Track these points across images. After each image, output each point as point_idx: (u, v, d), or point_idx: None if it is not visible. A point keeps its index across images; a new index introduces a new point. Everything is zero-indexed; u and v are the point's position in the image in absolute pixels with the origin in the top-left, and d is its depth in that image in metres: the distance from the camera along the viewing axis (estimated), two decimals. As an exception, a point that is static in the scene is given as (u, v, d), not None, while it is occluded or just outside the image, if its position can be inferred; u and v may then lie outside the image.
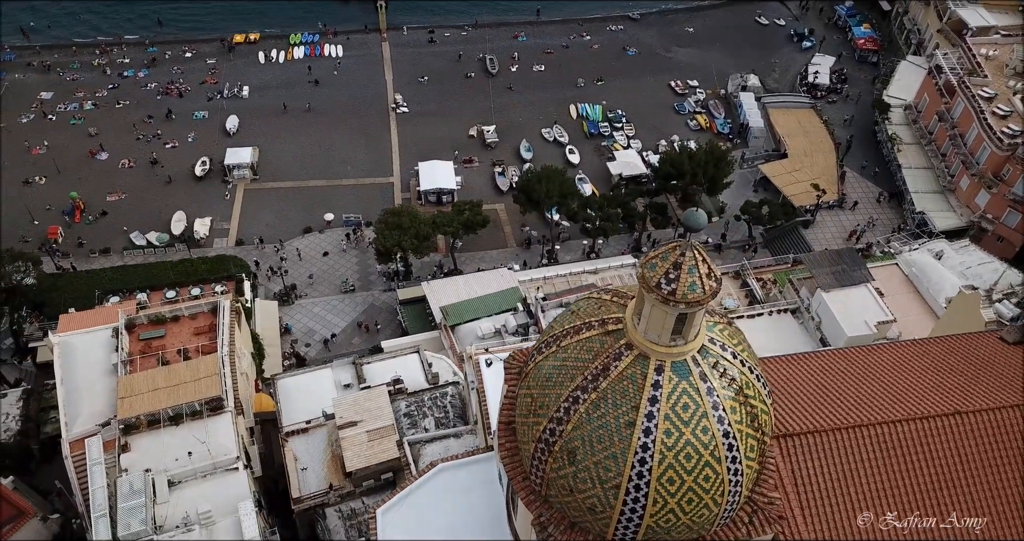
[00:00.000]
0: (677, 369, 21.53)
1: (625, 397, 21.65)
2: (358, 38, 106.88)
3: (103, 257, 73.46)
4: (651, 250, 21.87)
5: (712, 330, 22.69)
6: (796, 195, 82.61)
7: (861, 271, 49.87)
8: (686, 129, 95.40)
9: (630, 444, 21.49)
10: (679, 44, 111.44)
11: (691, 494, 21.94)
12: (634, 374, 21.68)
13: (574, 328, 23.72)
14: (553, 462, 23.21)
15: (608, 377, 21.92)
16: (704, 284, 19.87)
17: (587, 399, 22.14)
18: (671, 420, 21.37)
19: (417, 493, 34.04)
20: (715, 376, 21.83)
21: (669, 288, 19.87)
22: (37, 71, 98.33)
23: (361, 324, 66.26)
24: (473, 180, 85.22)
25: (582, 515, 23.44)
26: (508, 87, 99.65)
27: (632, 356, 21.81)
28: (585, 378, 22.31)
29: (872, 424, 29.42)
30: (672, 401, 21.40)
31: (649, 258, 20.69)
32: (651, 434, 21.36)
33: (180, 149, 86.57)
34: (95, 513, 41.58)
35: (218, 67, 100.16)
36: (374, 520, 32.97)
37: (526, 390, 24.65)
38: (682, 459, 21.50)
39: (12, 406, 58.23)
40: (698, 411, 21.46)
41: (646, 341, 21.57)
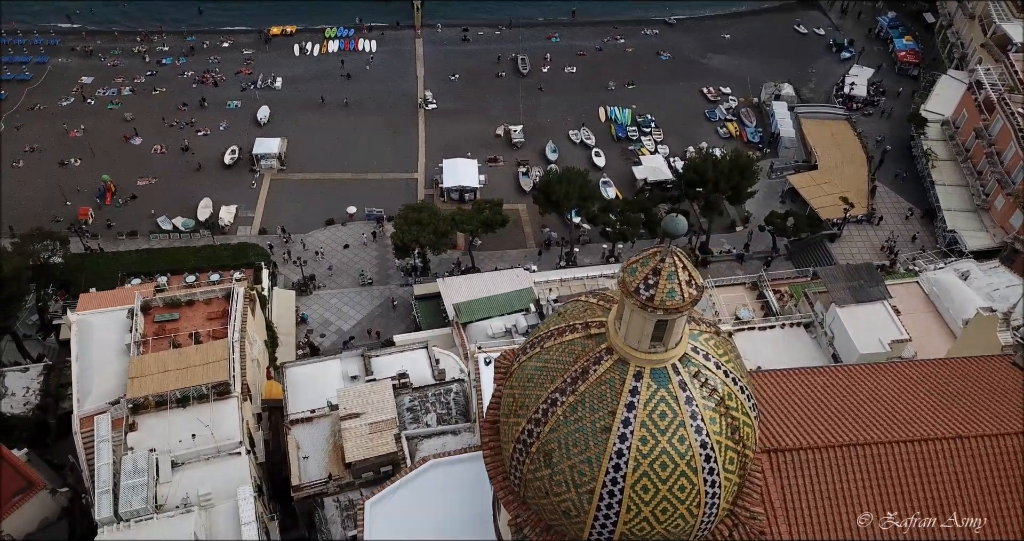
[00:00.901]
0: (656, 376, 21.31)
1: (603, 402, 21.50)
2: (392, 34, 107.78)
3: (130, 240, 75.05)
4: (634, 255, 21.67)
5: (696, 339, 22.42)
6: (824, 208, 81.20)
7: (878, 288, 48.83)
8: (715, 136, 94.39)
9: (605, 449, 21.34)
10: (714, 50, 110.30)
11: (666, 503, 21.70)
12: (612, 379, 21.52)
13: (558, 330, 23.64)
14: (530, 463, 23.15)
15: (587, 381, 21.79)
16: (683, 291, 19.63)
17: (565, 402, 22.04)
18: (647, 427, 21.17)
19: (407, 487, 34.27)
20: (695, 386, 21.56)
21: (648, 294, 19.68)
22: (79, 56, 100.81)
23: (371, 331, 66.67)
24: (497, 179, 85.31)
25: (558, 518, 23.33)
26: (538, 87, 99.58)
27: (612, 361, 21.65)
28: (564, 380, 22.21)
29: (867, 443, 28.84)
30: (649, 408, 21.19)
31: (630, 262, 20.53)
32: (627, 440, 21.19)
33: (211, 137, 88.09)
34: (99, 489, 42.31)
35: (254, 58, 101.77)
36: (362, 511, 33.25)
37: (509, 390, 24.63)
38: (657, 467, 21.28)
39: (33, 380, 59.56)
40: (675, 420, 21.22)
41: (626, 346, 21.38)
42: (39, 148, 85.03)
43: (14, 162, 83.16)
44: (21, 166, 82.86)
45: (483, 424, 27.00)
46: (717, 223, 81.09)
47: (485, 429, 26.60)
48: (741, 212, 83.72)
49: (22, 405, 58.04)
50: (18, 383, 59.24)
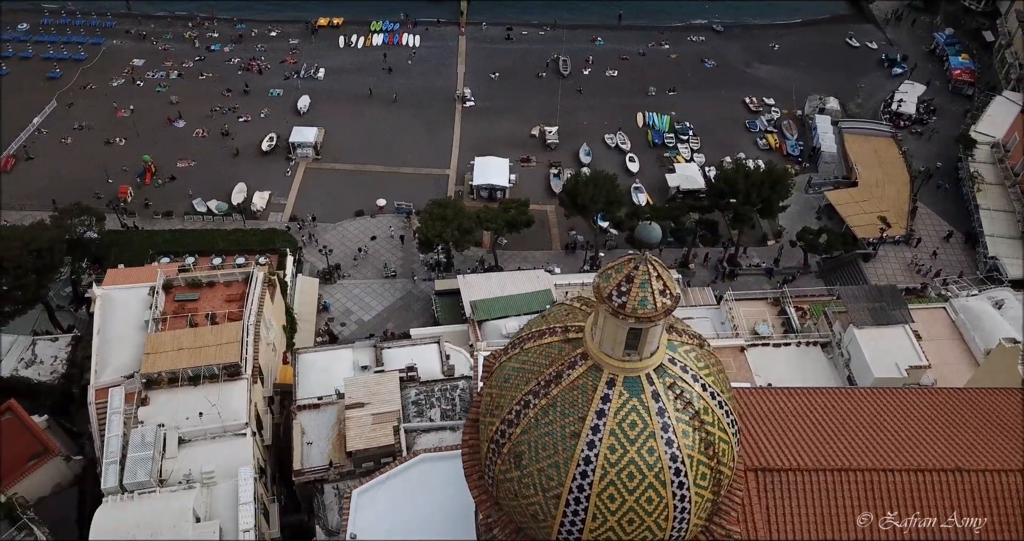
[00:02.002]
0: (629, 385, 21.08)
1: (574, 407, 21.37)
2: (437, 30, 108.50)
3: (165, 219, 76.97)
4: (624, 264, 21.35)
5: (675, 350, 22.10)
6: (860, 226, 79.28)
7: (900, 311, 47.44)
8: (754, 148, 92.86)
9: (573, 455, 21.21)
10: (761, 60, 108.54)
11: (632, 514, 21.47)
12: (585, 385, 21.37)
13: (539, 332, 23.55)
14: (501, 464, 23.12)
15: (560, 385, 21.68)
16: (656, 300, 19.37)
17: (537, 404, 21.96)
18: (616, 436, 20.96)
19: (396, 479, 34.51)
20: (669, 397, 21.27)
21: (619, 301, 19.47)
22: (133, 39, 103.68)
23: (387, 331, 67.12)
24: (528, 179, 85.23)
25: (526, 521, 23.26)
26: (578, 90, 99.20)
27: (585, 366, 21.51)
28: (539, 383, 22.13)
29: (859, 470, 28.04)
30: (619, 417, 20.99)
31: (606, 268, 20.35)
32: (595, 447, 21.01)
33: (252, 123, 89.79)
34: (107, 459, 43.52)
35: (299, 48, 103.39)
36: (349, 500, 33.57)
37: (489, 389, 24.65)
38: (624, 477, 21.06)
39: (61, 350, 61.42)
40: (646, 430, 20.97)
41: (600, 353, 21.21)
42: (87, 126, 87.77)
43: (63, 138, 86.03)
44: (69, 143, 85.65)
45: (466, 422, 27.06)
46: (748, 236, 79.81)
47: (467, 427, 26.69)
48: (774, 226, 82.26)
49: (49, 373, 59.88)
50: (47, 352, 61.23)
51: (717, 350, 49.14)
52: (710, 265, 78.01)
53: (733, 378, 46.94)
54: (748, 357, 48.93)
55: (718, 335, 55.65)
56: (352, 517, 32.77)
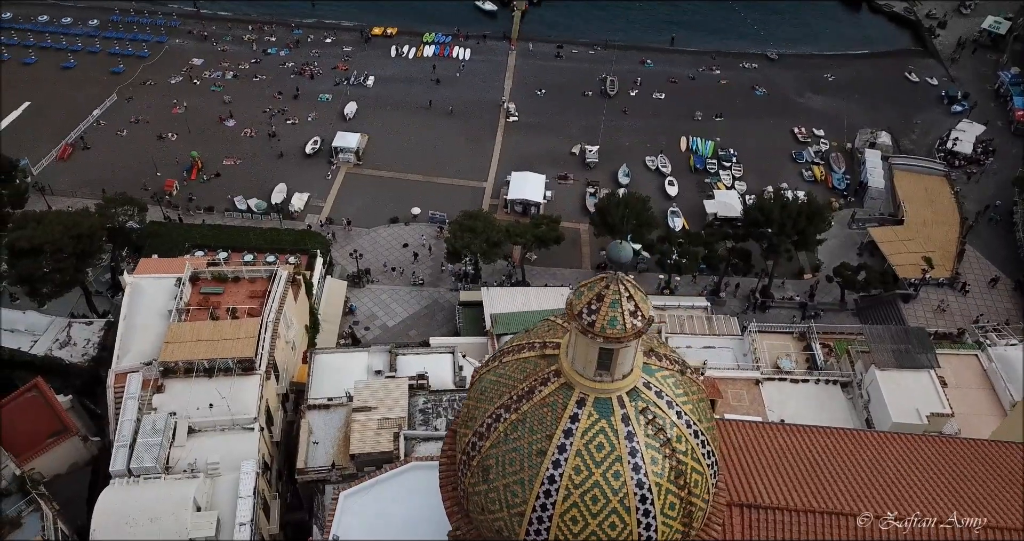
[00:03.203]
0: (599, 406, 20.77)
1: (542, 424, 21.15)
2: (488, 44, 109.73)
3: (206, 214, 79.20)
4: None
5: (652, 374, 21.70)
6: (903, 266, 77.05)
7: (926, 355, 45.67)
8: (799, 179, 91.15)
9: (538, 473, 20.96)
10: (814, 90, 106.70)
11: (595, 538, 21.03)
12: (555, 402, 21.14)
13: (519, 346, 23.42)
14: (471, 477, 22.96)
15: (531, 401, 21.49)
16: (625, 321, 19.08)
17: (508, 419, 21.80)
18: (583, 457, 20.66)
19: (385, 485, 34.58)
20: (639, 422, 20.86)
21: (589, 319, 19.25)
22: (195, 39, 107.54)
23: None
24: (564, 197, 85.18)
25: (492, 536, 22.99)
26: (623, 110, 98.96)
27: (557, 384, 21.28)
28: (511, 397, 21.98)
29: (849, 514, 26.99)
30: (587, 438, 20.68)
31: (579, 286, 20.15)
32: (560, 467, 20.73)
33: (298, 126, 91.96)
34: (118, 443, 44.65)
35: (352, 55, 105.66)
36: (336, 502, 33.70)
37: (467, 400, 24.54)
38: (588, 500, 20.70)
39: (94, 334, 63.27)
40: (612, 454, 20.60)
41: (572, 371, 20.96)
42: (143, 120, 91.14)
43: (119, 130, 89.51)
44: (124, 135, 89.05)
45: (447, 432, 26.98)
46: (784, 268, 78.26)
47: (447, 437, 26.61)
48: (811, 259, 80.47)
49: (80, 355, 61.64)
50: (81, 334, 63.22)
51: (731, 382, 48.69)
52: (742, 295, 76.61)
53: (745, 411, 46.04)
54: (763, 391, 47.72)
55: (739, 366, 54.46)
56: (337, 518, 32.94)
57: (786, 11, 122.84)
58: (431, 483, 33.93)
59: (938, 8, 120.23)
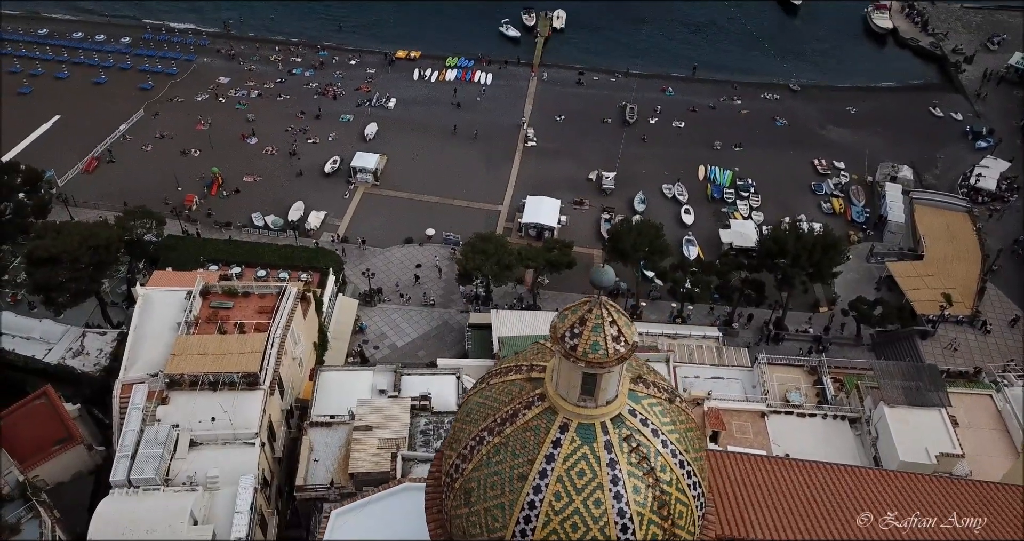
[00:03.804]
0: (582, 432, 20.53)
1: (524, 448, 20.94)
2: (510, 69, 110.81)
3: (224, 230, 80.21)
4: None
5: (638, 402, 21.43)
6: (921, 302, 75.82)
7: (937, 393, 44.68)
8: (817, 211, 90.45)
9: (519, 498, 20.71)
10: (835, 123, 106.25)
11: (575, 567, 20.61)
12: (538, 426, 20.94)
13: (506, 368, 23.29)
14: (453, 499, 22.75)
15: (514, 424, 21.31)
16: (608, 346, 18.91)
17: (491, 442, 21.61)
18: (564, 483, 20.38)
19: (376, 505, 34.38)
20: (623, 449, 20.57)
21: (571, 343, 19.12)
22: (223, 58, 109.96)
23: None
24: (579, 222, 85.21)
25: (473, 561, 22.64)
26: (641, 138, 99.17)
27: (541, 408, 21.09)
28: (495, 420, 21.81)
29: (844, 553, 26.35)
30: (568, 464, 20.42)
31: (563, 309, 20.04)
32: (540, 492, 20.47)
33: (319, 146, 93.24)
34: (120, 453, 44.84)
35: (375, 77, 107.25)
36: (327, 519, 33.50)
37: (454, 422, 24.38)
38: (568, 527, 20.39)
39: (107, 344, 64.06)
40: (594, 481, 20.30)
41: (556, 395, 20.78)
42: (168, 135, 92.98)
43: (144, 145, 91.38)
44: (149, 150, 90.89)
45: (435, 454, 26.79)
46: (799, 301, 77.42)
47: (435, 459, 26.41)
48: (828, 293, 79.56)
49: (92, 365, 62.45)
50: (94, 344, 64.01)
51: (736, 413, 47.92)
52: (755, 326, 75.77)
53: (749, 444, 45.24)
54: (769, 424, 46.90)
55: (747, 398, 53.68)
56: (327, 537, 32.67)
57: (810, 43, 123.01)
58: (422, 505, 33.87)
59: (965, 43, 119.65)
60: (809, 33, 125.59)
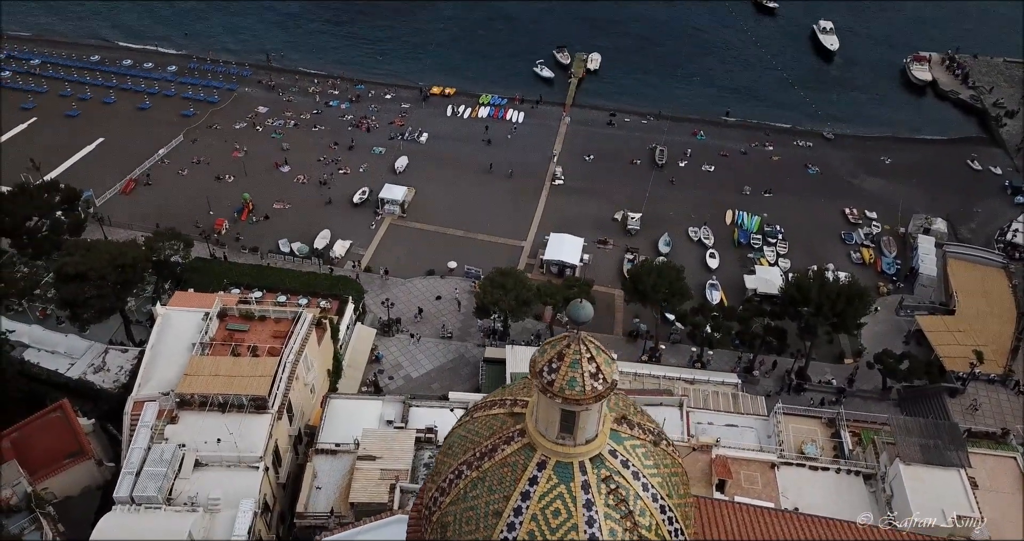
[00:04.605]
0: (560, 470, 20.18)
1: (501, 484, 20.63)
2: (542, 108, 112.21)
3: (251, 255, 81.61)
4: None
5: (620, 443, 21.03)
6: (951, 358, 73.58)
7: (957, 453, 43.01)
8: (846, 260, 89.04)
9: (492, 535, 20.39)
10: (869, 172, 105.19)
11: (546, 610, 20.06)
12: (516, 462, 20.66)
13: (491, 402, 23.10)
14: (430, 532, 22.43)
15: (493, 459, 21.05)
16: (585, 383, 18.66)
17: (469, 476, 21.35)
18: (537, 522, 19.99)
19: (367, 535, 33.95)
20: (600, 490, 20.14)
21: (549, 378, 18.93)
22: (263, 89, 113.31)
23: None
24: (602, 261, 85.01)
25: (448, 597, 22.18)
26: (670, 180, 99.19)
27: (520, 444, 20.82)
28: (474, 454, 21.57)
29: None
30: (544, 502, 20.04)
31: (544, 343, 19.86)
32: (514, 530, 20.11)
33: (350, 176, 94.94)
34: (125, 469, 45.29)
35: (409, 112, 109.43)
36: (316, 548, 33.16)
37: (437, 454, 24.14)
38: (540, 568, 19.83)
39: (127, 362, 65.09)
40: (568, 521, 19.88)
41: (536, 431, 20.50)
42: (204, 161, 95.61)
43: (180, 169, 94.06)
44: (185, 174, 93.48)
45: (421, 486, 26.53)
46: (825, 351, 75.95)
47: (420, 491, 26.12)
48: (854, 344, 77.84)
49: (112, 381, 63.44)
50: (115, 361, 65.10)
51: (746, 463, 46.65)
52: (777, 375, 74.22)
53: (758, 495, 43.93)
54: (779, 475, 45.54)
55: (761, 448, 52.31)
56: (315, 566, 32.28)
57: (846, 92, 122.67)
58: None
59: (1007, 97, 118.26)
60: (845, 81, 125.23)
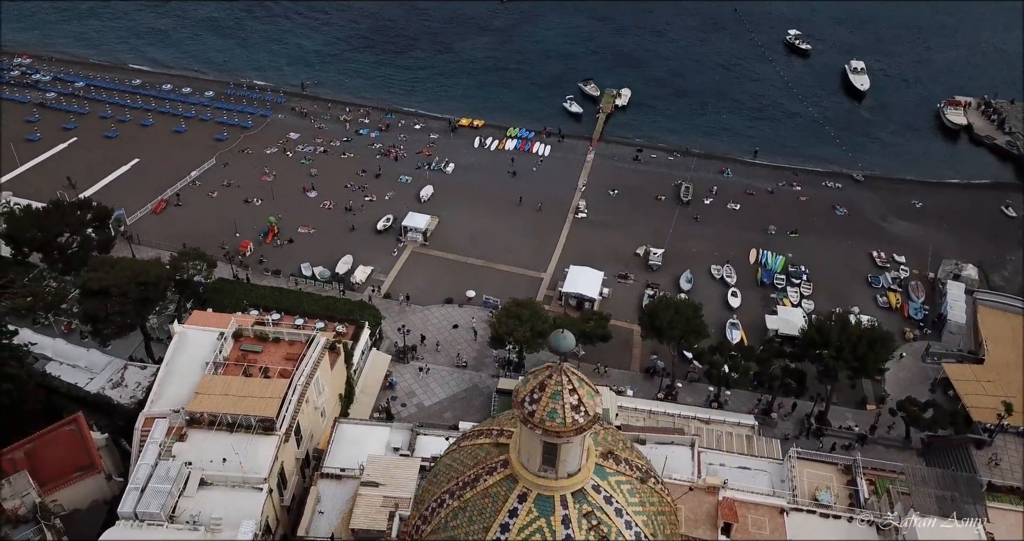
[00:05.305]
0: (540, 503, 19.90)
1: (482, 515, 20.41)
2: (568, 142, 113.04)
3: (273, 277, 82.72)
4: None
5: (605, 478, 20.69)
6: (978, 408, 71.36)
7: (975, 506, 41.48)
8: (872, 304, 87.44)
9: (470, 567, 19.95)
10: (899, 215, 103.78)
11: None
12: (497, 494, 20.43)
13: (478, 432, 22.95)
14: (411, 561, 22.10)
15: (475, 489, 20.85)
16: (566, 415, 18.46)
17: (451, 505, 21.16)
18: (515, 556, 19.56)
19: (360, 563, 33.48)
20: (581, 525, 19.80)
21: (529, 408, 18.75)
22: (296, 116, 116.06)
23: None
24: (622, 296, 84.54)
25: (426, 630, 21.82)
26: (694, 217, 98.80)
27: (503, 475, 20.61)
28: (457, 483, 21.40)
29: None
30: (523, 535, 19.79)
31: (528, 372, 19.71)
32: (492, 563, 19.68)
33: (375, 204, 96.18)
34: (131, 485, 45.52)
35: (437, 142, 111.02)
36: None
37: (424, 482, 23.94)
38: (516, 604, 19.44)
39: (145, 378, 66.03)
40: (547, 557, 19.44)
41: (519, 463, 20.27)
42: (234, 184, 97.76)
43: (211, 192, 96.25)
44: (215, 196, 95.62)
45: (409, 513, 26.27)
46: (847, 396, 74.35)
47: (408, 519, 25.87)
48: (877, 390, 76.04)
49: (129, 397, 64.32)
50: (134, 378, 66.13)
51: (754, 507, 45.50)
52: (796, 418, 72.64)
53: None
54: (788, 522, 44.24)
55: (774, 492, 51.06)
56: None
57: (877, 133, 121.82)
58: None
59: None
60: (877, 122, 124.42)
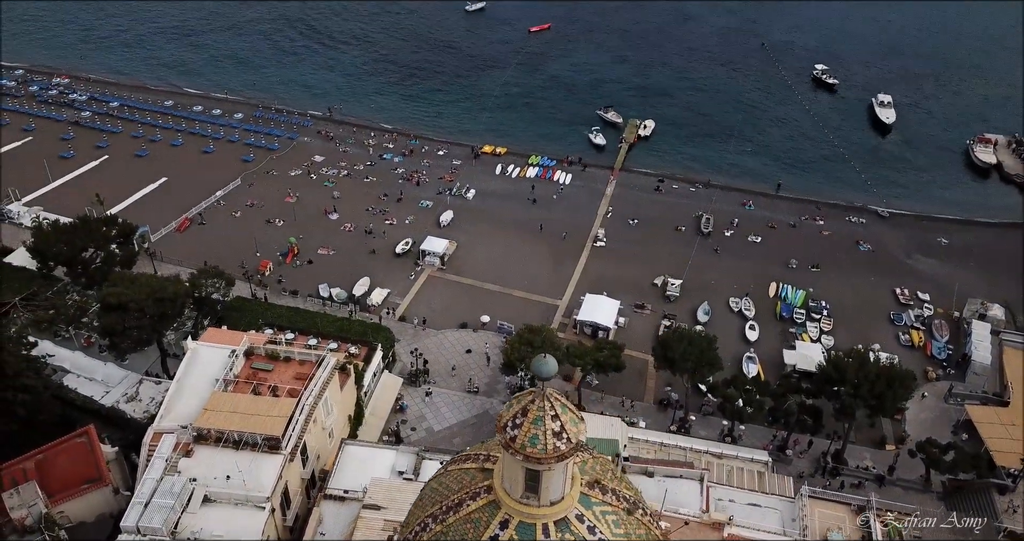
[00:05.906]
0: (522, 530, 19.63)
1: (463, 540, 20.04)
2: (590, 172, 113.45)
3: (290, 297, 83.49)
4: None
5: (590, 507, 20.37)
6: (1001, 452, 69.30)
7: (990, 553, 40.11)
8: (894, 342, 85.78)
9: (449, 593, 19.67)
10: (924, 252, 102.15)
11: None
12: (479, 519, 20.20)
13: (465, 456, 22.77)
14: (393, 586, 21.82)
15: (458, 514, 20.66)
16: (547, 441, 18.27)
17: (433, 529, 20.95)
18: (495, 584, 19.26)
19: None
20: (562, 556, 19.38)
21: (511, 434, 18.58)
22: (321, 139, 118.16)
23: None
24: (638, 326, 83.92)
25: None
26: (714, 249, 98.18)
27: (486, 500, 20.38)
28: (441, 507, 21.21)
29: None
30: (503, 563, 19.36)
31: (512, 398, 19.59)
32: (471, 591, 19.39)
33: (395, 227, 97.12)
34: (136, 499, 45.90)
35: (459, 169, 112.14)
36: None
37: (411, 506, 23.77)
38: (494, 634, 19.09)
39: (159, 393, 66.58)
40: (527, 586, 19.11)
41: (502, 489, 20.04)
42: (258, 204, 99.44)
43: (234, 211, 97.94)
44: (238, 216, 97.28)
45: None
46: (865, 435, 72.74)
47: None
48: (897, 430, 74.29)
49: (142, 412, 64.91)
50: (148, 392, 66.78)
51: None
52: (812, 456, 71.07)
53: (770, 580, 41.46)
54: (795, 561, 43.05)
55: (784, 531, 49.87)
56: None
57: (904, 169, 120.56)
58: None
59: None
60: (904, 158, 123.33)
